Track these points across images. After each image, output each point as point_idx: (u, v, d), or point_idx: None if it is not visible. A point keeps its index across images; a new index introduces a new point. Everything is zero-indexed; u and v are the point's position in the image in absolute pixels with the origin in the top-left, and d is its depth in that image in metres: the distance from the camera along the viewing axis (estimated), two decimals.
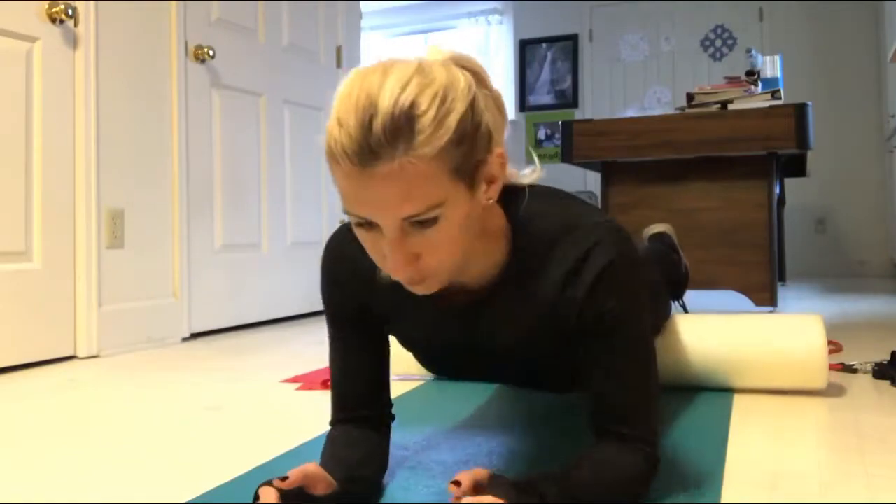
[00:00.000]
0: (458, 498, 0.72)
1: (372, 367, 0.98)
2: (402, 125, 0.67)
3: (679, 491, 0.94)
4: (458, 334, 0.94)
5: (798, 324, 1.50)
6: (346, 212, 0.73)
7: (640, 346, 0.87)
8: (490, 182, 0.77)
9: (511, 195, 0.86)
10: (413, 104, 0.68)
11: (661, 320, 1.49)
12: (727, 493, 0.94)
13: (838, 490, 0.96)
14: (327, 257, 0.97)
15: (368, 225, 0.73)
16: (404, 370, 1.67)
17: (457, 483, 0.73)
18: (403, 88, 0.68)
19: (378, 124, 0.67)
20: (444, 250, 0.74)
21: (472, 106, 0.72)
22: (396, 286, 0.85)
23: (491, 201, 0.78)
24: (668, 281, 1.87)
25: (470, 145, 0.72)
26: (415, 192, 0.69)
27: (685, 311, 1.89)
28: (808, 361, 1.47)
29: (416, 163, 0.68)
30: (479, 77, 0.79)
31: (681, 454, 1.11)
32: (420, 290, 0.78)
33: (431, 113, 0.68)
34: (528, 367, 1.01)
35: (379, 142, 0.67)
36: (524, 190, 0.87)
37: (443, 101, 0.69)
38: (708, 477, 1.00)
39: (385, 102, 0.67)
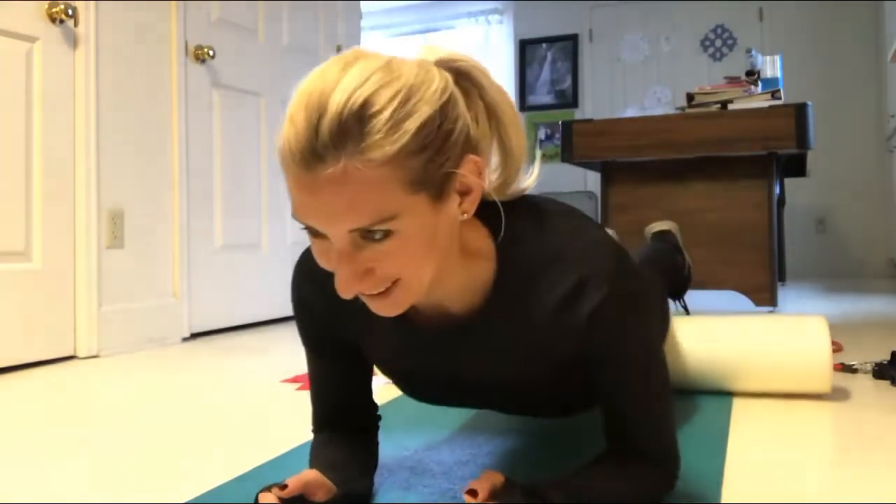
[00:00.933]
0: None
1: (349, 383, 0.94)
2: (351, 126, 0.60)
3: (679, 490, 0.94)
4: (441, 362, 0.85)
5: (802, 327, 1.46)
6: (294, 218, 0.65)
7: (651, 371, 0.80)
8: (464, 194, 0.69)
9: (496, 211, 0.77)
10: (366, 103, 0.61)
11: (663, 330, 1.43)
12: (727, 493, 0.94)
13: (838, 490, 0.96)
14: (296, 276, 0.90)
15: (318, 234, 0.66)
16: None
17: (472, 493, 0.69)
18: (360, 86, 0.61)
19: (325, 124, 0.60)
20: (399, 267, 0.66)
21: (442, 110, 0.65)
22: (369, 315, 0.79)
23: (466, 216, 0.70)
24: (670, 282, 1.81)
25: (435, 153, 0.64)
26: (361, 203, 0.61)
27: (686, 312, 1.87)
28: (811, 367, 1.42)
29: (363, 169, 0.61)
30: (471, 79, 0.73)
31: (681, 453, 1.10)
32: (383, 311, 0.70)
33: (386, 114, 0.61)
34: (517, 398, 0.92)
35: (324, 143, 0.60)
36: (511, 204, 0.79)
37: (403, 102, 0.62)
38: (708, 476, 1.00)
39: (336, 100, 0.61)
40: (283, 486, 0.78)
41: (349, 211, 0.62)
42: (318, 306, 0.88)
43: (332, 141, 0.60)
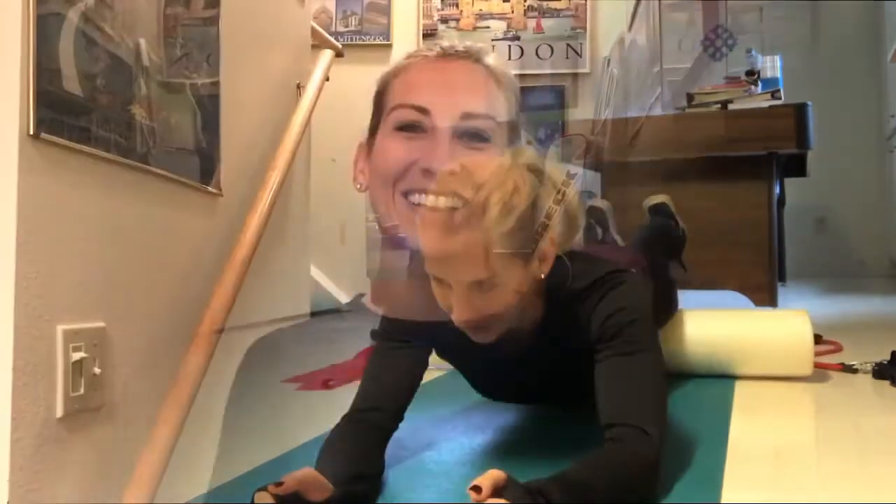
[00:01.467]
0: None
1: (407, 377, 1.08)
2: (478, 214, 0.86)
3: (680, 489, 0.94)
4: (505, 373, 1.14)
5: (783, 314, 1.61)
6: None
7: (646, 351, 0.95)
8: (542, 259, 0.94)
9: (559, 262, 1.00)
10: (486, 201, 0.86)
11: (671, 309, 1.59)
12: (727, 493, 0.94)
13: (838, 490, 0.96)
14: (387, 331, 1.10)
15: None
16: None
17: (476, 489, 0.73)
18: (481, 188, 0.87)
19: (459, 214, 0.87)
20: (501, 308, 0.91)
21: (532, 203, 0.91)
22: (457, 333, 0.97)
23: (543, 274, 0.94)
24: (669, 245, 2.07)
25: (528, 232, 0.90)
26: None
27: (685, 269, 2.03)
28: (792, 348, 1.53)
29: (486, 241, 0.86)
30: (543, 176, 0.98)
31: (680, 456, 1.10)
32: (480, 339, 0.95)
33: (499, 207, 0.86)
34: (553, 387, 1.17)
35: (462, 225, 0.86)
36: (561, 257, 1.01)
37: (510, 199, 0.88)
38: (708, 477, 1.00)
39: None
40: (279, 484, 0.79)
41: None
42: (417, 326, 1.09)
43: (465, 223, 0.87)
